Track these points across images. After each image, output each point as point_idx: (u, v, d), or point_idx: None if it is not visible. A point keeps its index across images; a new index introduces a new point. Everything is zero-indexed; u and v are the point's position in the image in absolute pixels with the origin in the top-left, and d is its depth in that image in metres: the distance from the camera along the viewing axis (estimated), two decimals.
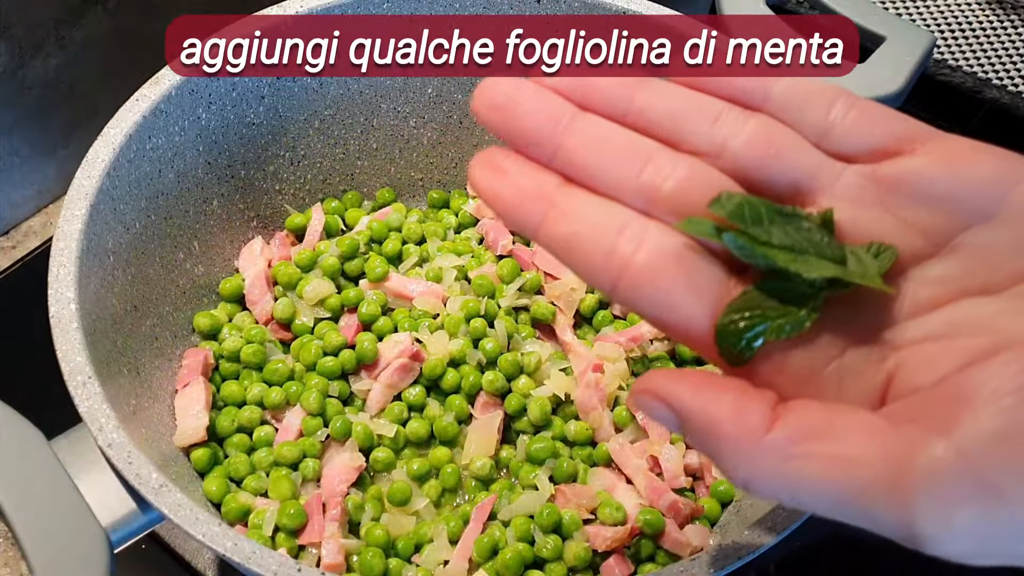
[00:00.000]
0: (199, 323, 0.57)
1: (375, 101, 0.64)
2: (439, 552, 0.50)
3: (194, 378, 0.54)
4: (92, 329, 0.45)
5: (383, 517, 0.52)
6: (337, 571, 0.48)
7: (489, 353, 0.56)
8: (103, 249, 0.49)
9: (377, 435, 0.54)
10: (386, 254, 0.61)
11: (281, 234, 0.63)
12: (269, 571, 0.38)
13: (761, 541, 0.41)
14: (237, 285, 0.60)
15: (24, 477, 0.42)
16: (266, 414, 0.55)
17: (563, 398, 0.55)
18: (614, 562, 0.49)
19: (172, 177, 0.55)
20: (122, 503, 0.42)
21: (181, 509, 0.40)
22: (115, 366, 0.47)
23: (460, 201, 0.66)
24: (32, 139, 0.71)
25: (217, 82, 0.56)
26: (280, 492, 0.51)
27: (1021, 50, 0.90)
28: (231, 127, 0.58)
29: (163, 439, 0.50)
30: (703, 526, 0.51)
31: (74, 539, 0.40)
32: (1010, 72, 0.88)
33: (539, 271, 0.60)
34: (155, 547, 0.58)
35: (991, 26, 0.93)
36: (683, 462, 0.53)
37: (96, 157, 0.50)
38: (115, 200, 0.50)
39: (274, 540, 0.49)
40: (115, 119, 0.51)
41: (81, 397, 0.42)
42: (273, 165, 0.62)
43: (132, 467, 0.41)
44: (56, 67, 0.69)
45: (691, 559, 0.40)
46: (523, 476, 0.53)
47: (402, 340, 0.56)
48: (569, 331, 0.59)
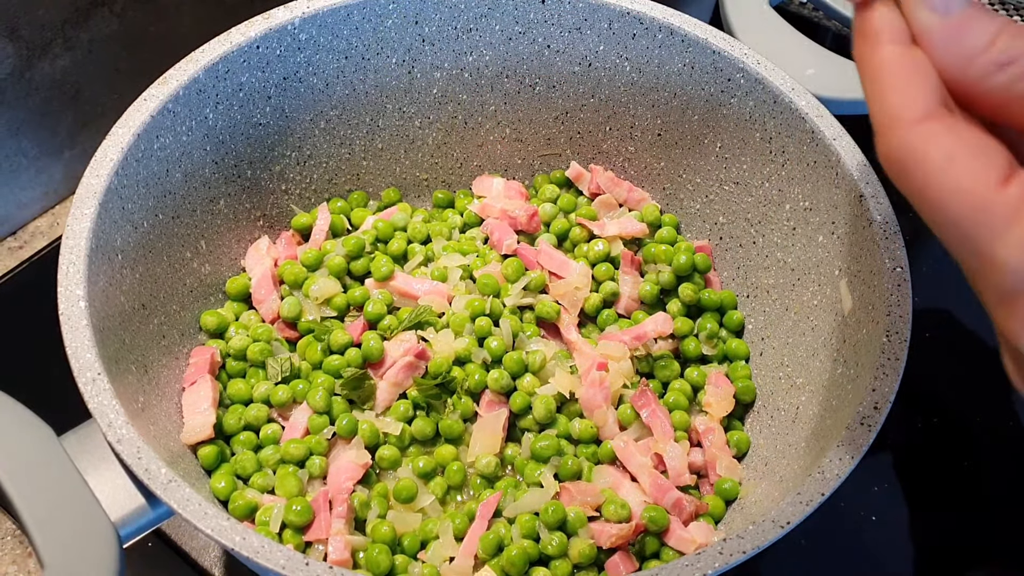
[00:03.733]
0: (206, 321, 0.58)
1: (381, 101, 0.64)
2: (445, 549, 0.50)
3: (201, 376, 0.54)
4: (101, 327, 0.46)
5: (389, 514, 0.52)
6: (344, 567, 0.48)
7: (494, 352, 0.57)
8: (111, 247, 0.49)
9: (383, 433, 0.54)
10: (391, 253, 0.62)
11: (287, 233, 0.63)
12: (277, 565, 0.38)
13: (765, 538, 0.41)
14: (244, 284, 0.60)
15: (34, 472, 0.42)
16: (273, 412, 0.56)
17: (568, 396, 0.56)
18: (619, 559, 0.50)
19: (179, 177, 0.55)
20: (131, 498, 0.43)
21: (190, 504, 0.40)
22: (123, 363, 0.48)
23: (465, 201, 0.67)
24: (39, 140, 0.72)
25: (224, 82, 0.56)
26: (287, 489, 0.51)
27: None
28: (238, 127, 0.58)
29: (170, 436, 0.51)
30: (707, 523, 0.51)
31: (84, 534, 0.41)
32: None
33: (543, 270, 0.61)
34: (162, 545, 0.58)
35: None
36: (687, 460, 0.54)
37: (105, 156, 0.50)
38: (123, 199, 0.50)
39: (281, 537, 0.50)
40: (123, 119, 0.51)
41: (90, 393, 0.43)
42: (279, 165, 0.62)
43: (141, 462, 0.41)
44: (63, 68, 0.70)
45: (695, 554, 0.40)
46: (528, 474, 0.53)
47: (408, 339, 0.57)
48: (574, 330, 0.59)
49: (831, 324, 0.53)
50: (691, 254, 0.61)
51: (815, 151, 0.54)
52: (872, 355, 0.46)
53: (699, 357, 0.60)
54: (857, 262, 0.51)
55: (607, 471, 0.54)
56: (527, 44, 0.63)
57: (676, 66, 0.60)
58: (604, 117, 0.65)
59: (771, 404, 0.57)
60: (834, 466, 0.43)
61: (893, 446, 0.65)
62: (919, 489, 0.63)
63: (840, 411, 0.47)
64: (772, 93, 0.56)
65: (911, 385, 0.47)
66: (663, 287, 0.62)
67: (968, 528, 0.62)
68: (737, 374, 0.59)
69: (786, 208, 0.58)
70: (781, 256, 0.59)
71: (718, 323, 0.61)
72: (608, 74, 0.63)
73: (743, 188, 0.61)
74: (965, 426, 0.67)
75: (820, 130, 0.54)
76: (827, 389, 0.51)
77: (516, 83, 0.65)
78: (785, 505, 0.42)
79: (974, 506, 0.63)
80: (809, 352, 0.54)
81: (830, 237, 0.54)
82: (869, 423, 0.44)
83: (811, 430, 0.50)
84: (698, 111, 0.61)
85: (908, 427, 0.66)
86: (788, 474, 0.49)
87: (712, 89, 0.59)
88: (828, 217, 0.54)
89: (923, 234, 0.85)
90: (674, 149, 0.64)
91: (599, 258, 0.62)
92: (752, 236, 0.61)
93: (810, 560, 0.60)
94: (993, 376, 0.68)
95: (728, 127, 0.60)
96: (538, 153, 0.68)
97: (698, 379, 0.58)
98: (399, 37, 0.61)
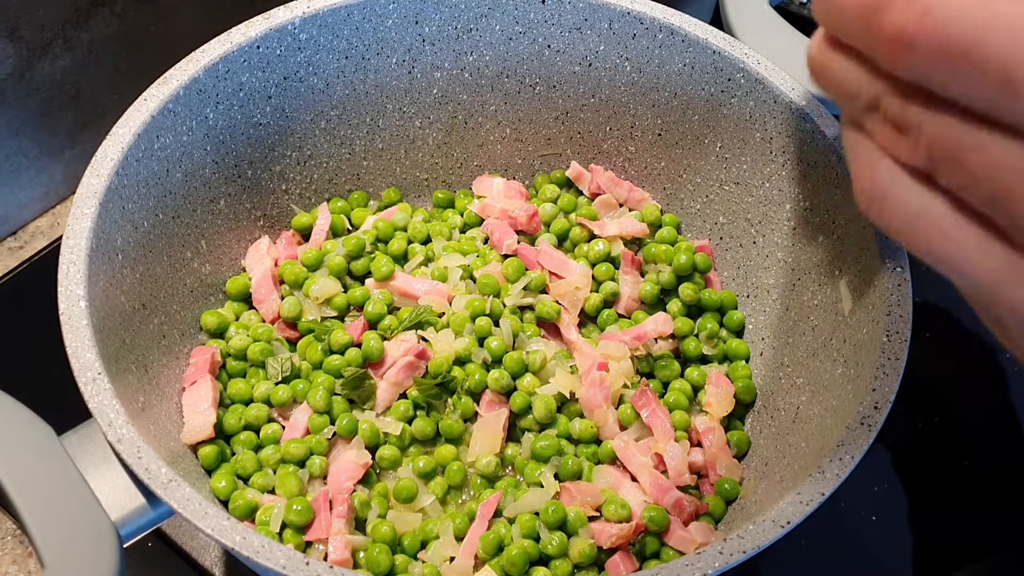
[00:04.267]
0: (206, 321, 0.58)
1: (381, 101, 0.64)
2: (445, 548, 0.50)
3: (201, 376, 0.54)
4: (101, 326, 0.46)
5: (389, 514, 0.52)
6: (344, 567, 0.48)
7: (494, 352, 0.57)
8: (112, 247, 0.49)
9: (383, 433, 0.54)
10: (392, 253, 0.62)
11: (287, 233, 0.63)
12: (278, 565, 0.38)
13: (765, 537, 0.41)
14: (244, 284, 0.60)
15: (34, 472, 0.42)
16: (273, 412, 0.56)
17: (568, 396, 0.56)
18: (619, 559, 0.50)
19: (180, 176, 0.55)
20: (131, 498, 0.43)
21: (190, 503, 0.40)
22: (124, 363, 0.48)
23: (465, 201, 0.67)
24: (40, 140, 0.72)
25: (224, 82, 0.56)
26: (287, 489, 0.51)
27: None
28: (238, 127, 0.58)
29: (171, 436, 0.51)
30: (707, 523, 0.51)
31: (84, 533, 0.41)
32: None
33: (544, 270, 0.61)
34: (162, 544, 0.58)
35: None
36: (687, 460, 0.54)
37: (105, 156, 0.50)
38: (124, 199, 0.50)
39: (281, 537, 0.50)
40: (124, 118, 0.51)
41: (91, 393, 0.42)
42: (280, 165, 0.62)
43: (141, 462, 0.41)
44: (64, 68, 0.70)
45: (695, 554, 0.40)
46: (528, 473, 0.53)
47: (408, 339, 0.57)
48: (574, 330, 0.59)
49: (831, 324, 0.53)
50: (691, 254, 0.61)
51: (815, 151, 0.54)
52: (872, 355, 0.46)
53: (699, 357, 0.60)
54: (857, 262, 0.51)
55: (607, 471, 0.54)
56: (527, 44, 0.63)
57: (676, 66, 0.60)
58: (604, 117, 0.65)
59: (771, 404, 0.57)
60: (834, 466, 0.43)
61: (893, 446, 0.65)
62: (919, 489, 0.63)
63: (840, 411, 0.47)
64: (772, 93, 0.56)
65: (911, 385, 0.47)
66: (663, 287, 0.62)
67: (968, 528, 0.62)
68: (737, 374, 0.59)
69: (786, 208, 0.58)
70: (781, 256, 0.59)
71: (718, 323, 0.61)
72: (608, 74, 0.63)
73: (743, 188, 0.61)
74: (965, 426, 0.67)
75: (820, 130, 0.54)
76: (827, 389, 0.51)
77: (516, 83, 0.65)
78: (785, 505, 0.42)
79: (974, 506, 0.63)
80: (809, 352, 0.54)
81: (830, 237, 0.54)
82: (869, 423, 0.44)
83: (811, 430, 0.50)
84: (698, 111, 0.61)
85: (908, 427, 0.66)
86: (788, 474, 0.49)
87: (712, 89, 0.60)
88: (828, 217, 0.54)
89: None
90: (674, 149, 0.64)
91: (599, 258, 0.62)
92: (752, 236, 0.61)
93: (810, 560, 0.60)
94: (993, 376, 0.69)
95: (728, 127, 0.60)
96: (538, 153, 0.68)
97: (698, 379, 0.58)
98: (399, 37, 0.61)
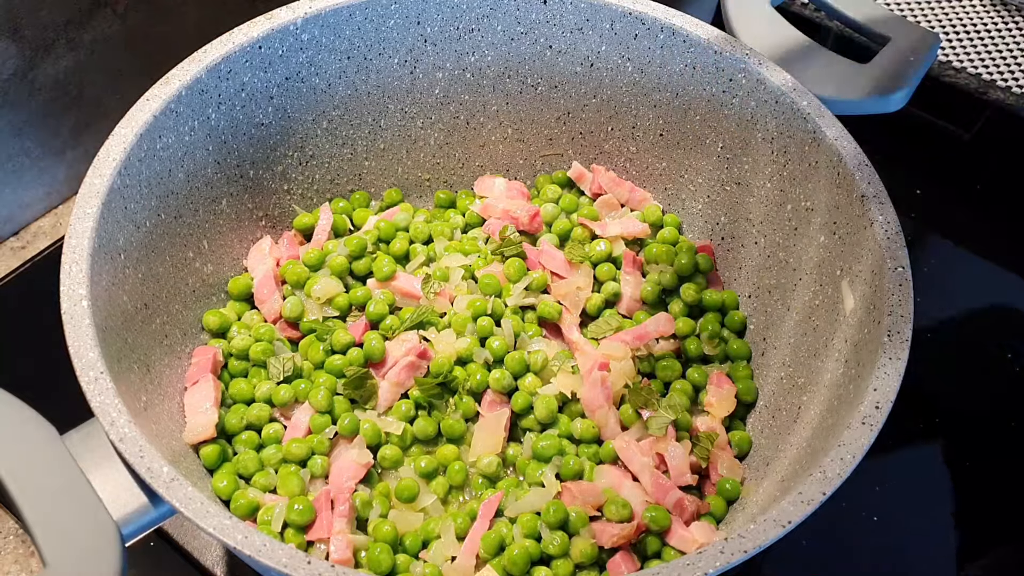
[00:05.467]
0: (208, 321, 0.58)
1: (383, 102, 0.64)
2: (446, 548, 0.50)
3: (203, 376, 0.54)
4: (103, 326, 0.46)
5: (391, 513, 0.52)
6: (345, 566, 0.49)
7: (496, 352, 0.57)
8: (114, 247, 0.49)
9: (385, 432, 0.54)
10: (393, 253, 0.62)
11: (289, 234, 0.64)
12: (279, 564, 0.38)
13: (766, 537, 0.41)
14: (246, 284, 0.60)
15: (37, 471, 0.42)
16: (275, 411, 0.56)
17: (569, 396, 0.56)
18: (620, 558, 0.50)
19: (182, 176, 0.55)
20: (133, 497, 0.43)
21: (192, 502, 0.40)
22: (126, 363, 0.48)
23: (467, 201, 0.67)
24: (42, 140, 0.72)
25: (226, 82, 0.56)
26: (289, 489, 0.51)
27: None
28: (240, 127, 0.58)
29: (173, 436, 0.51)
30: (709, 523, 0.52)
31: (86, 532, 0.41)
32: (1015, 73, 0.88)
33: (545, 270, 0.61)
34: (164, 544, 0.58)
35: (996, 28, 0.93)
36: (689, 460, 0.54)
37: (107, 156, 0.50)
38: (126, 199, 0.51)
39: (283, 536, 0.50)
40: (126, 118, 0.52)
41: (93, 392, 0.43)
42: (282, 165, 0.62)
43: (144, 461, 0.41)
44: (66, 69, 0.70)
45: (696, 553, 0.40)
46: (530, 473, 0.53)
47: (409, 339, 0.57)
48: (575, 330, 0.59)
49: (832, 324, 0.53)
50: (693, 254, 0.61)
51: (817, 151, 0.55)
52: (873, 355, 0.46)
53: (701, 357, 0.60)
54: (859, 262, 0.51)
55: (608, 471, 0.54)
56: (529, 44, 0.63)
57: (678, 66, 0.60)
58: (606, 117, 0.65)
59: (772, 404, 0.57)
60: (835, 466, 0.43)
61: (893, 446, 0.65)
62: (919, 489, 0.63)
63: (841, 411, 0.47)
64: (773, 93, 0.56)
65: (912, 385, 0.47)
66: (665, 287, 0.62)
67: (968, 528, 0.62)
68: (739, 374, 0.59)
69: (787, 208, 0.58)
70: (783, 256, 0.59)
71: (720, 323, 0.61)
72: (610, 74, 0.63)
73: (745, 188, 0.61)
74: (965, 426, 0.67)
75: (822, 130, 0.54)
76: (828, 389, 0.51)
77: (518, 83, 0.65)
78: (786, 504, 0.42)
79: (974, 506, 0.63)
80: (810, 352, 0.54)
81: (832, 237, 0.54)
82: (870, 423, 0.44)
83: (812, 430, 0.50)
84: (700, 111, 0.61)
85: (908, 427, 0.66)
86: (789, 474, 0.49)
87: (714, 89, 0.60)
88: (830, 217, 0.54)
89: (924, 235, 0.86)
90: (676, 149, 0.64)
91: (601, 258, 0.62)
92: (754, 236, 0.61)
93: (810, 560, 0.60)
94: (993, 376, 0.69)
95: (730, 127, 0.60)
96: (540, 153, 0.68)
97: (700, 379, 0.58)
98: (401, 37, 0.61)
